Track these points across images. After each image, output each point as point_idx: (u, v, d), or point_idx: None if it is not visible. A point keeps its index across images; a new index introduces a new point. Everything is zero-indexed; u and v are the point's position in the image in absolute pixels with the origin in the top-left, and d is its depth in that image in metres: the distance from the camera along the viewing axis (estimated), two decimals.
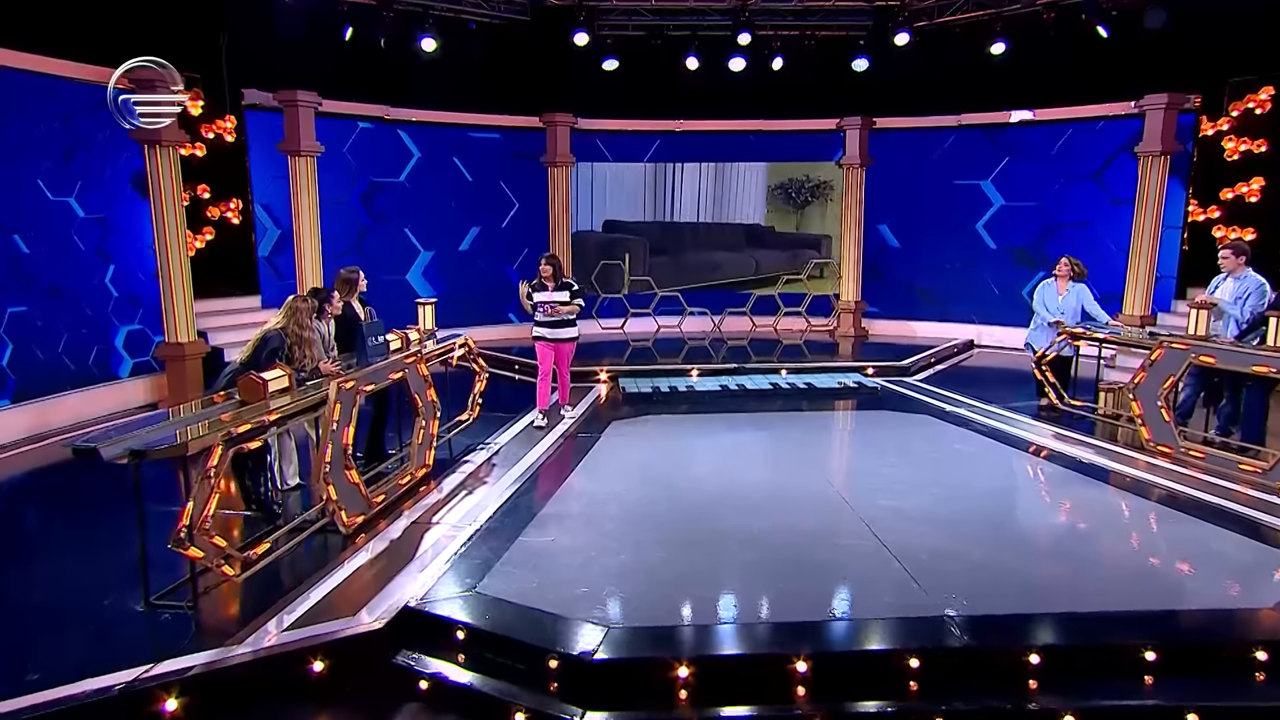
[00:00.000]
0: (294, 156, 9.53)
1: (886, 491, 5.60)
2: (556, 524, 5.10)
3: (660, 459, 6.61)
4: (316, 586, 4.21)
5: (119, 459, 3.58)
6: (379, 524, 5.09)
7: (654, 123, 12.25)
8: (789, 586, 4.25)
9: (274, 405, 4.46)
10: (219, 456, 3.74)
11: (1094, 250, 10.28)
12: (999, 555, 4.66)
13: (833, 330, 12.32)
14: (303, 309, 5.14)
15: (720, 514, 5.27)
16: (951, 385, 9.02)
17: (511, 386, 9.20)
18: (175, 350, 8.35)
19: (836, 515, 5.18)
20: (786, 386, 9.05)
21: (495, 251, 12.06)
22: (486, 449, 6.71)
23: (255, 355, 4.95)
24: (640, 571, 4.45)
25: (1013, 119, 11.07)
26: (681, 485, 5.86)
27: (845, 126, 11.89)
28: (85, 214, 8.10)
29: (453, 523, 5.12)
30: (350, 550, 4.68)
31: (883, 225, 12.41)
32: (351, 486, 4.89)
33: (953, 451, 6.66)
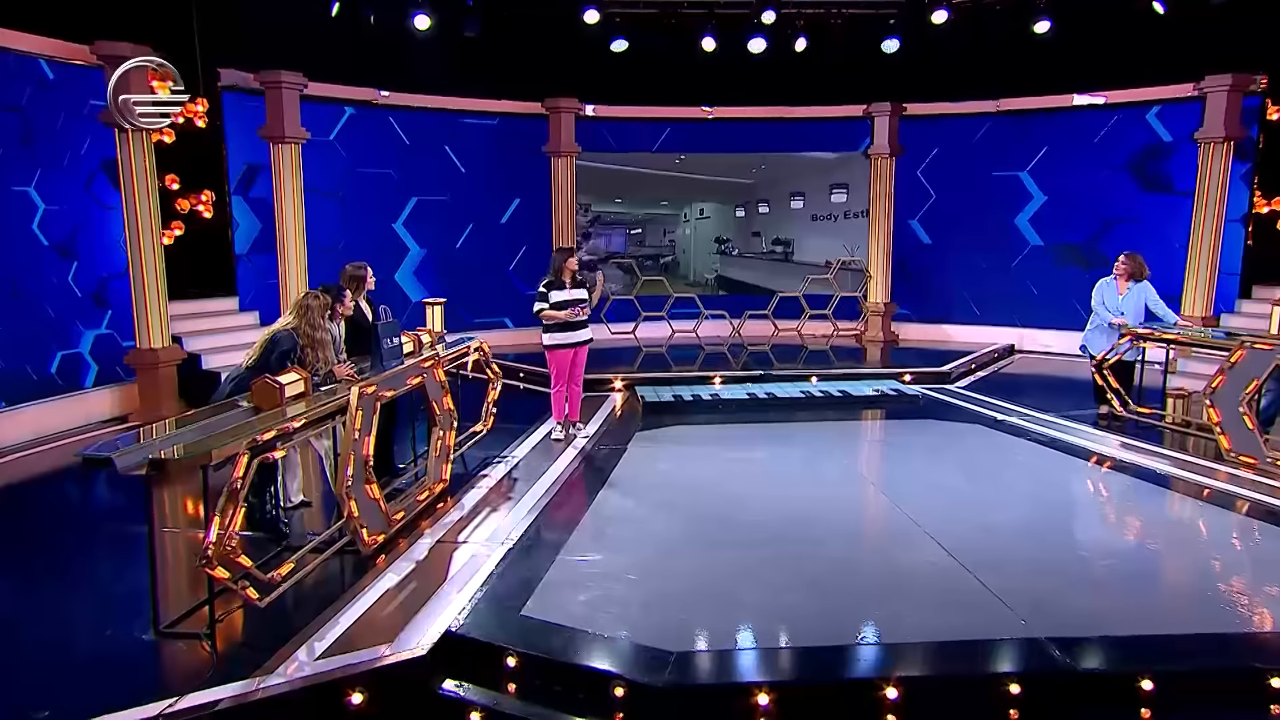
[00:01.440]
0: (277, 143, 9.51)
1: (952, 505, 5.64)
2: (595, 542, 5.11)
3: (695, 472, 6.64)
4: (344, 611, 4.18)
5: (136, 469, 3.54)
6: (399, 543, 5.06)
7: (666, 109, 12.33)
8: (862, 607, 4.26)
9: (291, 412, 4.43)
10: (245, 466, 3.71)
11: (1150, 246, 10.40)
12: (1087, 571, 4.69)
13: (860, 334, 12.41)
14: (315, 307, 5.12)
15: (773, 530, 5.29)
16: (997, 392, 9.11)
17: (517, 395, 9.19)
18: (148, 357, 8.29)
19: (903, 532, 5.21)
20: (819, 394, 9.10)
21: (493, 249, 12.08)
22: (504, 462, 6.72)
23: (264, 358, 4.91)
24: (695, 592, 4.45)
25: (1076, 102, 11.15)
26: (723, 500, 5.89)
27: (874, 113, 12.03)
28: (46, 205, 8.03)
29: (481, 541, 5.10)
30: (374, 572, 4.65)
31: (913, 221, 12.54)
32: (372, 503, 4.87)
33: (1015, 463, 6.72)
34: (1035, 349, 11.66)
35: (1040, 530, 5.29)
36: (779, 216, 12.87)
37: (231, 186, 9.86)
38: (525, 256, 12.32)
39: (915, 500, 5.71)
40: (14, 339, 7.72)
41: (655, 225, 12.90)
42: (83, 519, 6.06)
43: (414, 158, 11.30)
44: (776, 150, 12.62)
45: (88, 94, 8.17)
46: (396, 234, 11.32)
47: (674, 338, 11.63)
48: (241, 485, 3.68)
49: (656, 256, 12.75)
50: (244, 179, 9.94)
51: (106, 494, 6.64)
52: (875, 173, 12.22)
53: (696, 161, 12.69)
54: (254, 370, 4.87)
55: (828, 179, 12.69)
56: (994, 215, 11.96)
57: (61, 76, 8.06)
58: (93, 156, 8.45)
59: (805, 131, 12.56)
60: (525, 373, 9.90)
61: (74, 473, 7.01)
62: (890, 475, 6.40)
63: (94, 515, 6.20)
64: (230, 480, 3.68)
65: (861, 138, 12.32)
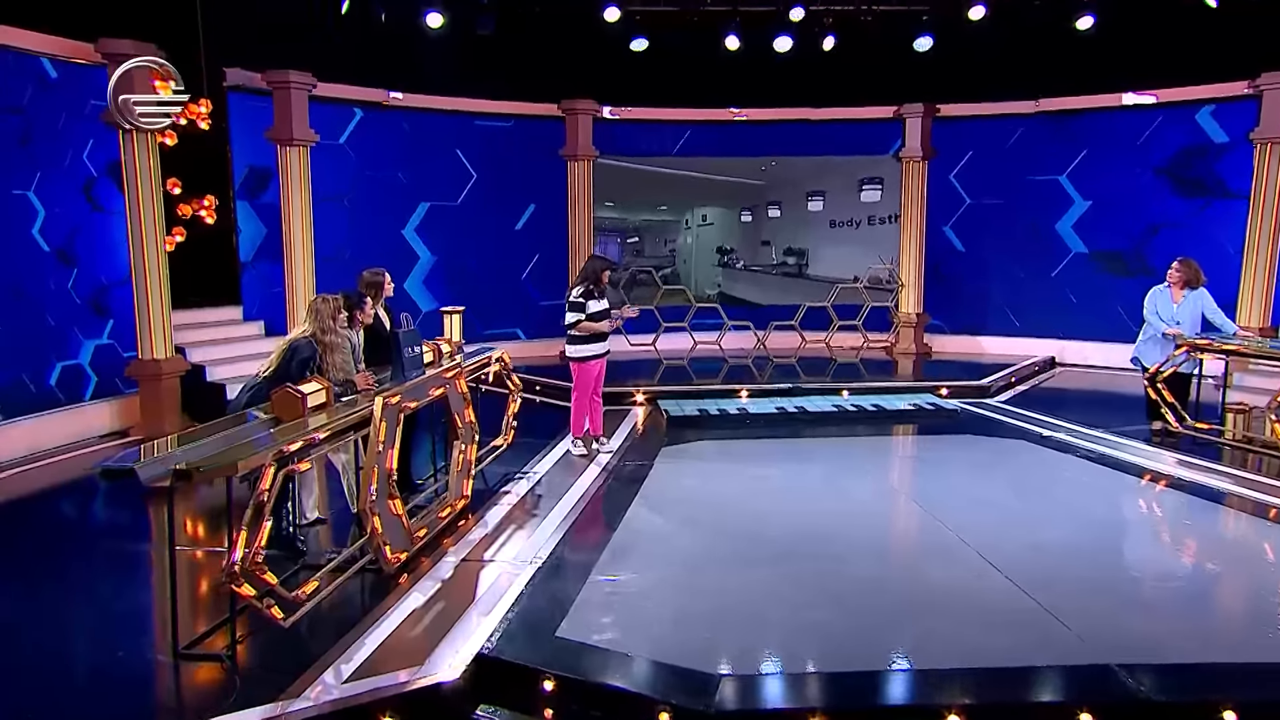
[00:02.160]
0: (285, 146, 9.59)
1: (1000, 523, 5.63)
2: (627, 562, 5.11)
3: (726, 489, 6.65)
4: (369, 632, 4.18)
5: (159, 481, 3.56)
6: (421, 562, 5.08)
7: (687, 111, 12.41)
8: (912, 627, 4.25)
9: (313, 423, 4.45)
10: (271, 479, 3.72)
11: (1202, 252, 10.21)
12: (1145, 593, 4.67)
13: (891, 346, 12.40)
14: (324, 310, 5.15)
15: (813, 550, 5.29)
16: (1040, 407, 9.09)
17: (533, 409, 9.21)
18: (150, 368, 8.33)
19: (952, 551, 5.19)
20: (851, 409, 9.12)
21: (506, 257, 12.15)
22: (526, 478, 6.73)
23: (283, 367, 4.95)
24: (733, 612, 4.45)
25: (1125, 101, 11.14)
26: (756, 517, 5.90)
27: (905, 114, 12.07)
28: (46, 209, 8.11)
29: (508, 560, 5.11)
30: (397, 592, 4.65)
31: (946, 227, 12.55)
32: (395, 519, 4.88)
33: (1064, 480, 6.71)
34: (1077, 362, 11.63)
35: (1094, 549, 5.27)
36: (793, 222, 12.86)
37: (236, 191, 9.94)
38: (539, 265, 12.38)
39: (961, 517, 5.69)
40: (13, 349, 7.77)
41: (654, 233, 12.87)
42: (87, 536, 6.11)
43: (424, 161, 11.38)
44: (802, 154, 12.66)
45: (90, 94, 8.26)
46: (406, 241, 11.39)
47: (696, 349, 11.65)
48: (268, 498, 3.69)
49: (656, 268, 12.68)
50: (249, 183, 10.02)
51: (109, 510, 6.69)
52: (907, 176, 12.25)
53: (706, 163, 12.72)
54: (272, 380, 4.90)
55: (853, 176, 12.66)
56: (1032, 221, 11.96)
57: (63, 76, 8.16)
58: (96, 159, 8.52)
59: (833, 134, 12.60)
60: (542, 385, 9.92)
61: (74, 489, 7.07)
62: (933, 492, 6.38)
63: (97, 532, 6.24)
64: (256, 493, 3.70)
65: (892, 140, 12.36)
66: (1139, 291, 8.03)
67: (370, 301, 5.71)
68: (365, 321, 5.68)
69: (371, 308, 5.74)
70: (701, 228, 12.90)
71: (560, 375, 10.58)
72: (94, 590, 4.95)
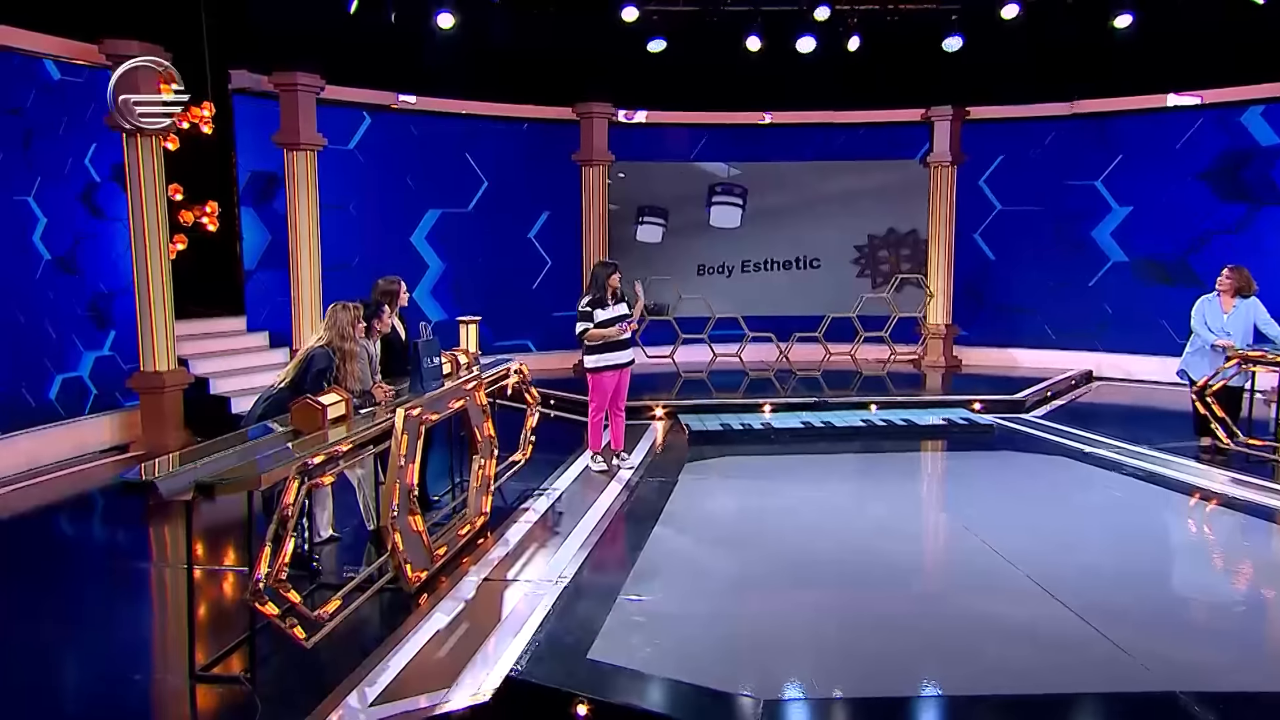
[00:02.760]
0: (291, 150, 9.65)
1: (1050, 545, 5.61)
2: (656, 582, 5.13)
3: (756, 507, 6.67)
4: (392, 654, 4.18)
5: (180, 494, 3.58)
6: (440, 581, 5.08)
7: (704, 115, 12.46)
8: (966, 653, 4.23)
9: (333, 436, 4.46)
10: (295, 492, 3.74)
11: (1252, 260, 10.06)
12: (1209, 620, 4.65)
13: (919, 359, 12.38)
14: (344, 318, 5.18)
15: (852, 569, 5.30)
16: (1079, 422, 9.07)
17: (546, 423, 9.21)
18: (153, 380, 8.37)
19: (1000, 573, 5.17)
20: (881, 424, 9.12)
21: (517, 266, 12.19)
22: (546, 495, 6.75)
23: (300, 377, 4.97)
24: (776, 635, 4.46)
25: (1170, 103, 11.10)
26: (791, 537, 5.92)
27: (934, 117, 12.09)
28: (48, 216, 8.18)
29: (532, 580, 5.12)
30: (418, 612, 4.66)
31: (976, 234, 12.55)
32: (415, 536, 4.88)
33: (1112, 499, 6.70)
34: (1116, 375, 11.59)
35: (1148, 572, 5.27)
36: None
37: (240, 197, 10.01)
38: (552, 274, 12.42)
39: (1005, 537, 5.67)
40: (12, 361, 7.82)
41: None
42: (91, 554, 6.14)
43: (434, 167, 11.45)
44: (825, 159, 12.70)
45: (92, 97, 8.35)
46: (415, 249, 11.45)
47: (715, 362, 11.63)
48: (292, 513, 3.71)
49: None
50: (254, 189, 10.09)
51: (112, 528, 6.73)
52: (935, 182, 12.26)
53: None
54: (289, 390, 4.92)
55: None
56: (1068, 228, 11.95)
57: (66, 78, 8.25)
58: (99, 163, 8.60)
59: (857, 138, 12.65)
60: (556, 399, 9.93)
61: (76, 505, 7.12)
62: (973, 510, 6.37)
63: (101, 550, 6.27)
64: (280, 507, 3.71)
65: (919, 144, 12.38)
66: (1183, 301, 8.01)
67: (388, 310, 5.74)
68: (383, 331, 5.71)
69: (389, 316, 5.76)
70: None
71: (574, 388, 10.63)
72: (102, 610, 4.98)
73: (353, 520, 5.94)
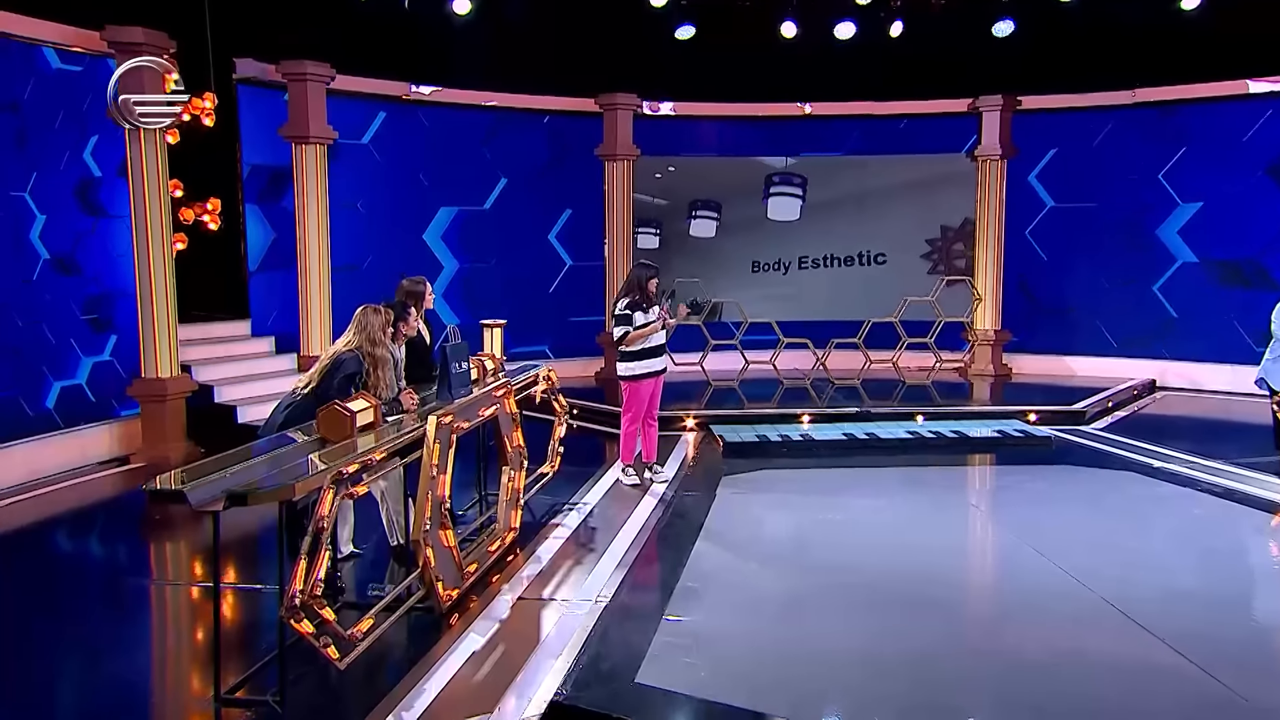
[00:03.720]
0: (300, 144, 9.75)
1: (1127, 567, 5.59)
2: (702, 602, 5.15)
3: (802, 524, 6.70)
4: (428, 677, 4.21)
5: (211, 504, 3.63)
6: (470, 601, 5.12)
7: (736, 106, 12.55)
8: (1033, 683, 4.22)
9: (362, 445, 4.51)
10: (330, 503, 3.78)
11: None
12: None
13: (966, 367, 12.36)
14: (375, 321, 5.23)
15: (913, 591, 5.29)
16: (1145, 435, 9.05)
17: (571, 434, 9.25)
18: (154, 388, 8.45)
19: (1073, 596, 5.15)
20: (929, 435, 9.13)
21: (535, 268, 12.29)
22: (576, 510, 6.79)
23: (326, 382, 5.02)
24: (836, 660, 4.47)
25: (1252, 90, 11.00)
26: (840, 555, 5.94)
27: (982, 107, 12.10)
28: (45, 214, 8.28)
29: (569, 599, 5.15)
30: (451, 633, 4.69)
31: (1026, 233, 12.54)
32: (447, 552, 4.92)
33: (1188, 517, 6.70)
34: (1182, 385, 11.55)
35: (1236, 595, 5.26)
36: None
37: (244, 194, 10.11)
38: (570, 276, 12.48)
39: (1076, 557, 5.66)
40: (9, 367, 7.92)
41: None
42: (97, 571, 6.21)
43: (450, 162, 11.54)
44: (865, 153, 12.74)
45: (93, 87, 8.47)
46: (429, 249, 11.54)
47: (748, 370, 11.65)
48: (327, 524, 3.75)
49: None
50: (260, 185, 10.19)
51: (114, 544, 6.81)
52: (983, 177, 12.26)
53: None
54: (314, 397, 4.97)
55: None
56: (1129, 227, 11.92)
57: (66, 67, 8.37)
58: (101, 158, 8.71)
59: (899, 130, 12.67)
60: (578, 408, 9.94)
61: (76, 520, 7.19)
62: (1038, 529, 6.34)
63: (107, 567, 6.35)
64: (315, 519, 3.75)
65: (966, 137, 12.38)
66: (1261, 305, 8.00)
67: (414, 312, 5.80)
68: (409, 334, 5.76)
69: (415, 319, 5.82)
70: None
71: (594, 397, 10.71)
72: (115, 630, 5.02)
73: (372, 535, 5.99)
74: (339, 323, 9.17)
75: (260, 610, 5.23)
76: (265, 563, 5.94)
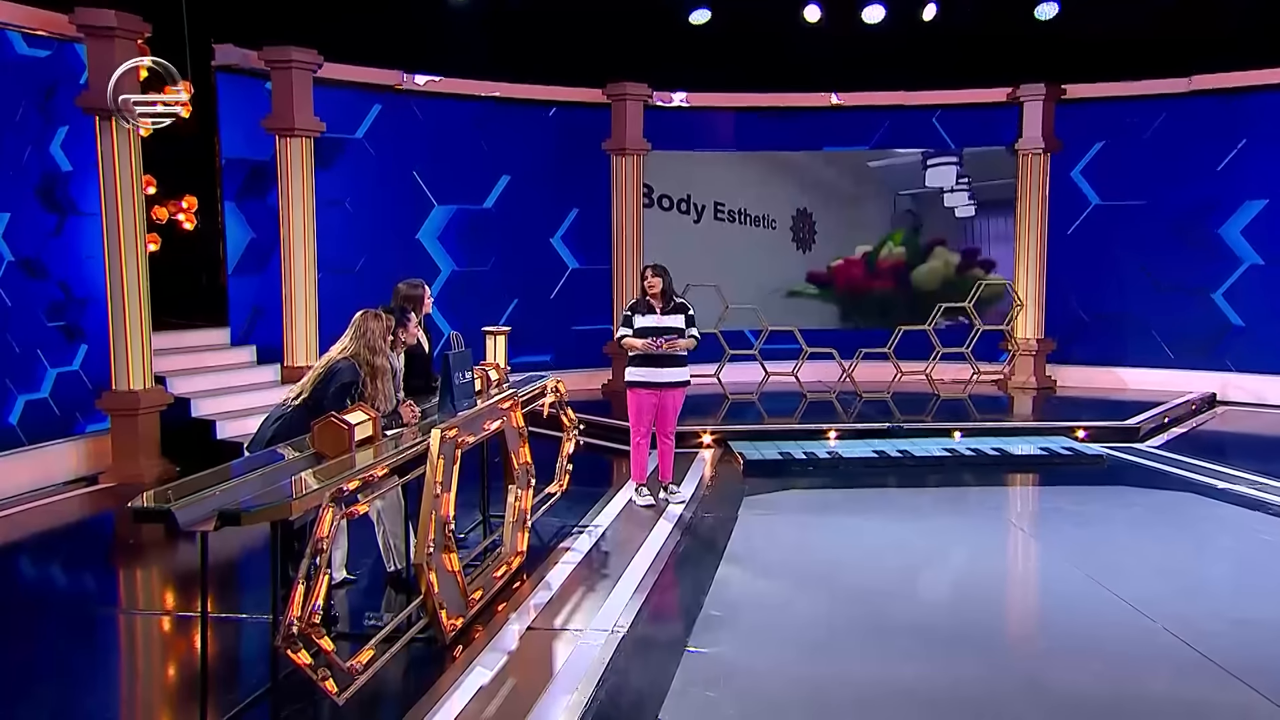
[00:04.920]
0: (284, 137, 9.80)
1: (1193, 596, 5.58)
2: (728, 633, 5.14)
3: (832, 548, 6.71)
4: (432, 713, 4.21)
5: (201, 524, 3.63)
6: (476, 630, 5.12)
7: (754, 97, 12.61)
8: None
9: (360, 460, 4.52)
10: (330, 523, 3.79)
11: None
12: None
13: (1006, 379, 12.35)
14: (375, 328, 5.25)
15: (961, 621, 5.29)
16: (1207, 454, 9.07)
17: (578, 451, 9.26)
18: (126, 401, 8.46)
19: (1131, 626, 5.14)
20: (968, 453, 9.15)
21: (538, 271, 12.36)
22: (587, 533, 6.81)
23: (320, 392, 5.03)
24: (881, 697, 4.46)
25: None
26: (876, 583, 5.94)
27: (1023, 97, 12.14)
28: (7, 212, 8.32)
29: (582, 629, 5.15)
30: (456, 665, 4.69)
31: (1069, 232, 12.55)
32: (451, 577, 4.92)
33: (1260, 543, 6.69)
34: (1246, 399, 11.58)
35: None
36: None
37: (223, 191, 10.16)
38: (574, 280, 12.52)
39: (1137, 586, 5.64)
40: None
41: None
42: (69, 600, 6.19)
43: (448, 158, 11.61)
44: (895, 146, 12.79)
45: (62, 74, 8.54)
46: (425, 250, 11.60)
47: (767, 382, 11.65)
48: (326, 546, 3.76)
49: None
50: (240, 182, 10.25)
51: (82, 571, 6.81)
52: (1024, 173, 12.29)
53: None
54: (306, 409, 4.98)
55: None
56: (1185, 226, 11.95)
57: (33, 52, 8.42)
58: (71, 149, 8.74)
59: (933, 122, 12.70)
60: (586, 423, 9.93)
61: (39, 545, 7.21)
62: (1094, 555, 6.32)
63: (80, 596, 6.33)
64: (314, 540, 3.76)
65: (1007, 129, 12.40)
66: None
67: (413, 318, 5.82)
68: (408, 342, 5.79)
69: (415, 326, 5.84)
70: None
71: (601, 411, 10.75)
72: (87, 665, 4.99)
73: (366, 561, 6.00)
74: (327, 332, 9.19)
75: (244, 642, 5.23)
76: (249, 590, 5.97)
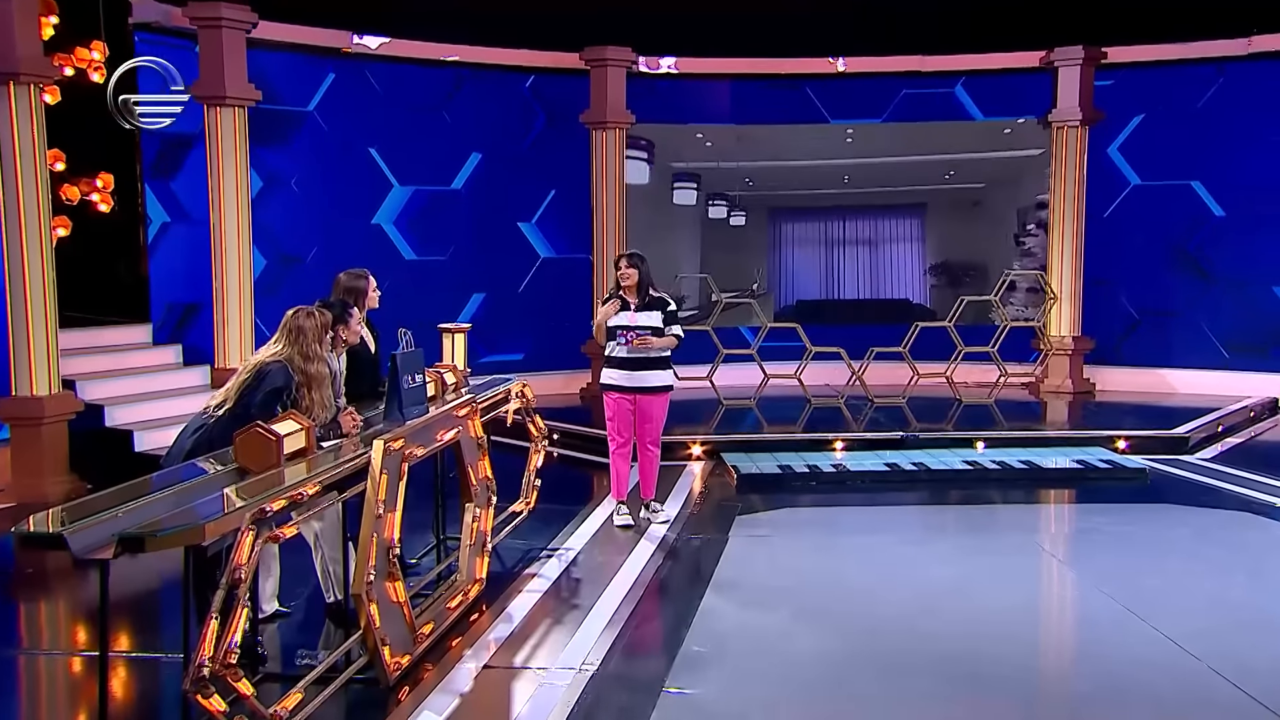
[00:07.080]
0: (214, 106, 9.75)
1: (1242, 631, 5.56)
2: (712, 671, 5.14)
3: (834, 574, 6.73)
4: None
5: (98, 551, 3.59)
6: (425, 669, 5.10)
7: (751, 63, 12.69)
8: None
9: (290, 476, 4.49)
10: (250, 548, 3.76)
11: None
12: None
13: (1038, 382, 12.39)
14: (309, 328, 5.22)
15: (968, 661, 5.27)
16: (1265, 468, 9.11)
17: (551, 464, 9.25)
18: (28, 408, 8.40)
19: (1175, 667, 5.13)
20: (993, 466, 9.19)
21: (509, 261, 12.40)
22: (557, 557, 6.81)
23: (245, 398, 5.01)
24: None
25: None
26: (884, 615, 5.93)
27: (1058, 61, 12.19)
28: None
29: (546, 667, 5.14)
30: (400, 710, 4.67)
31: (1104, 216, 12.59)
32: (395, 608, 4.90)
33: None
34: None
35: None
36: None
37: (144, 168, 10.12)
38: (547, 269, 12.53)
39: (1179, 620, 5.64)
40: None
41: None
42: None
43: (408, 132, 11.68)
44: (912, 119, 12.83)
45: None
46: (386, 237, 11.63)
47: (767, 386, 11.68)
48: (245, 575, 3.73)
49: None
50: (163, 158, 10.21)
51: None
52: (1058, 148, 12.32)
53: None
54: (231, 417, 4.95)
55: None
56: (1240, 210, 12.02)
57: None
58: None
59: (956, 91, 12.75)
60: (560, 433, 9.95)
61: None
62: (1132, 583, 6.33)
63: None
64: (230, 569, 3.73)
65: (1039, 99, 12.45)
66: None
67: (356, 314, 5.79)
68: (350, 341, 5.76)
69: (357, 323, 5.81)
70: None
71: (579, 419, 10.75)
72: None
73: (301, 590, 5.97)
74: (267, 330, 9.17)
75: (162, 685, 5.21)
76: (166, 626, 5.93)
